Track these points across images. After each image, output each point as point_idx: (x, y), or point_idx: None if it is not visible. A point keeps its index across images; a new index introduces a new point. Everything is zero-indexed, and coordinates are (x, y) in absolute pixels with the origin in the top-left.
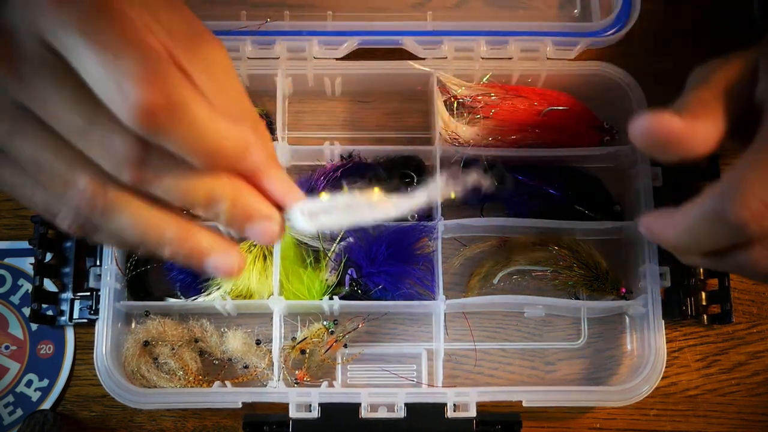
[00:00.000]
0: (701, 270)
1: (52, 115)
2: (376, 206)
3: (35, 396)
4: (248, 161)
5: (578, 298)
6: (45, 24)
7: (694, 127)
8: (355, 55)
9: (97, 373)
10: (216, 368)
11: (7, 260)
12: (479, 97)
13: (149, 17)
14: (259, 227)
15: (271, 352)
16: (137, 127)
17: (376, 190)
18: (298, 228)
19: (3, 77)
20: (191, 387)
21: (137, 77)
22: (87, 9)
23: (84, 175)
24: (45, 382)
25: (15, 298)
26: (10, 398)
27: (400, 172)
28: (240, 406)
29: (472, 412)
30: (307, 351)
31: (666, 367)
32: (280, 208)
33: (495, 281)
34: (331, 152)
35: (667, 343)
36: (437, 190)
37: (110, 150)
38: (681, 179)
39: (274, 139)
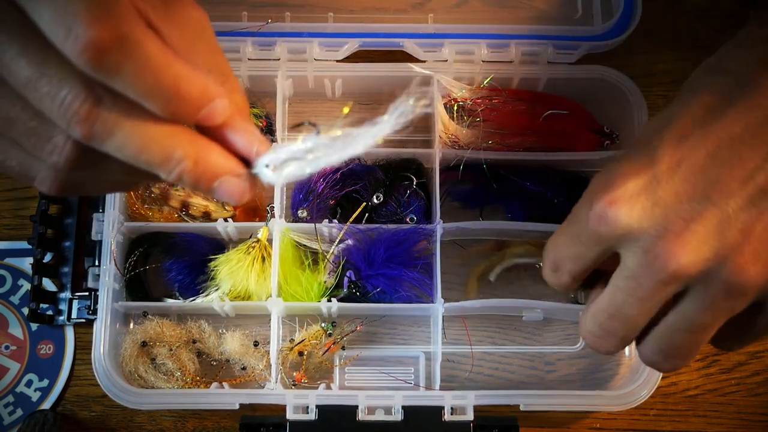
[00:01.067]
0: None
1: (4, 67)
2: (340, 143)
3: (35, 396)
4: (210, 110)
5: (577, 302)
6: None
7: None
8: (355, 57)
9: (95, 373)
10: (214, 369)
11: (7, 260)
12: (479, 100)
13: None
14: (226, 186)
15: (268, 353)
16: (85, 65)
17: (338, 130)
18: (267, 181)
19: None
20: (189, 388)
21: (87, 15)
22: None
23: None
24: (45, 382)
25: (15, 298)
26: (10, 398)
27: (400, 175)
28: (237, 407)
29: (470, 416)
30: (305, 353)
31: None
32: (247, 162)
33: (492, 278)
34: None
35: None
36: (397, 116)
37: (57, 101)
38: None
39: (274, 140)
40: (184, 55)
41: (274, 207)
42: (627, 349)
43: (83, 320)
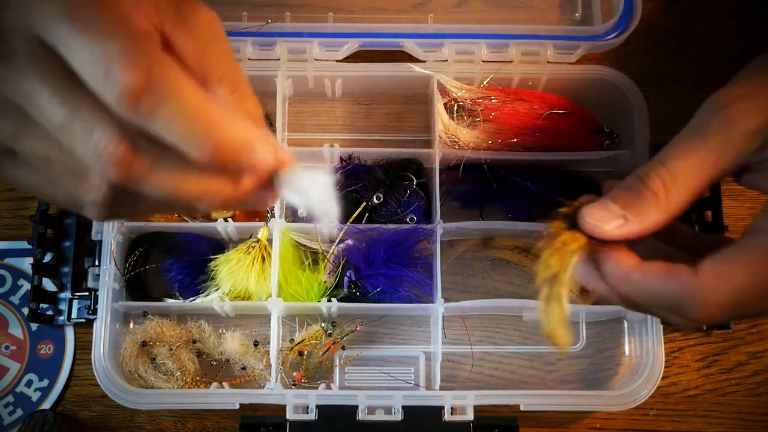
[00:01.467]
0: None
1: (38, 109)
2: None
3: (35, 396)
4: (251, 162)
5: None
6: (36, 17)
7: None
8: (355, 57)
9: (95, 373)
10: (214, 369)
11: (7, 260)
12: (479, 100)
13: None
14: (257, 198)
15: (268, 353)
16: (122, 109)
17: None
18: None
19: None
20: (189, 388)
21: (123, 58)
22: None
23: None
24: (45, 382)
25: (15, 298)
26: (10, 398)
27: (400, 175)
28: (237, 407)
29: (470, 416)
30: (305, 353)
31: (666, 367)
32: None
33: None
34: (331, 154)
35: (666, 343)
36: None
37: (91, 143)
38: None
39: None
40: (199, 64)
41: (274, 207)
42: (627, 349)
43: (83, 320)
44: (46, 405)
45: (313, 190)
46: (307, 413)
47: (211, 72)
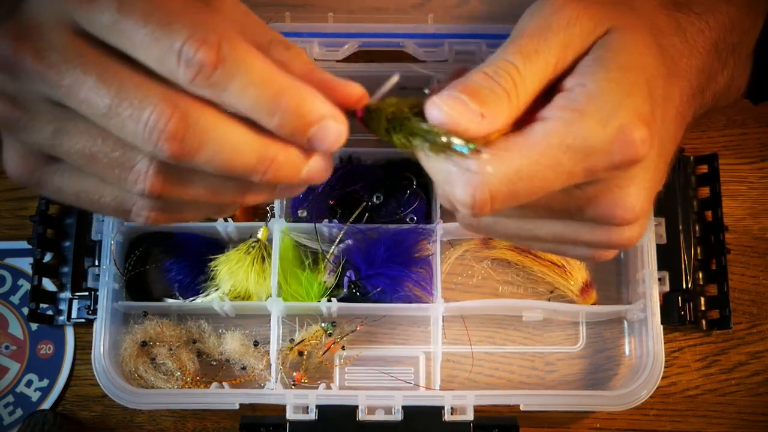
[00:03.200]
0: (701, 275)
1: (81, 101)
2: None
3: (35, 396)
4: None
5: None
6: (73, 8)
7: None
8: (355, 57)
9: (95, 373)
10: (214, 369)
11: (7, 260)
12: None
13: None
14: (323, 131)
15: (268, 353)
16: (199, 86)
17: None
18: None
19: (38, 73)
20: (189, 388)
21: (192, 39)
22: None
23: (140, 152)
24: (45, 382)
25: (15, 298)
26: (10, 398)
27: (400, 175)
28: (237, 407)
29: (470, 416)
30: (305, 353)
31: (666, 367)
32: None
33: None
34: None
35: (666, 343)
36: None
37: (142, 122)
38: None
39: None
40: (242, 34)
41: (274, 207)
42: (627, 349)
43: (83, 320)
44: (46, 405)
45: None
46: (307, 413)
47: (259, 39)
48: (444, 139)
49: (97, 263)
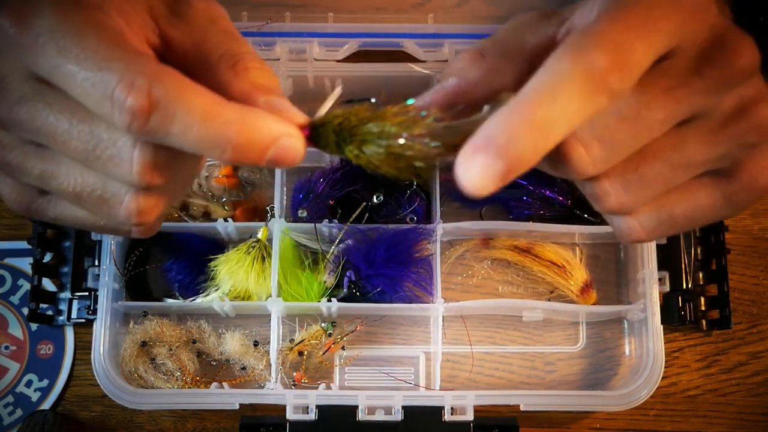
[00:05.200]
0: (701, 275)
1: (62, 145)
2: None
3: (35, 396)
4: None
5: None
6: (31, 60)
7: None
8: (355, 57)
9: (95, 373)
10: (214, 369)
11: (7, 260)
12: None
13: (126, 4)
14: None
15: (268, 353)
16: (136, 132)
17: None
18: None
19: (12, 121)
20: (189, 388)
21: (120, 85)
22: (63, 34)
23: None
24: (45, 382)
25: (15, 298)
26: (10, 398)
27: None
28: (237, 407)
29: (470, 416)
30: (305, 353)
31: (666, 367)
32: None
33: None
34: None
35: (667, 343)
36: None
37: (121, 163)
38: None
39: None
40: (198, 50)
41: (274, 207)
42: (627, 349)
43: (83, 320)
44: (46, 405)
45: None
46: (307, 413)
47: (210, 54)
48: (401, 141)
49: (97, 263)
